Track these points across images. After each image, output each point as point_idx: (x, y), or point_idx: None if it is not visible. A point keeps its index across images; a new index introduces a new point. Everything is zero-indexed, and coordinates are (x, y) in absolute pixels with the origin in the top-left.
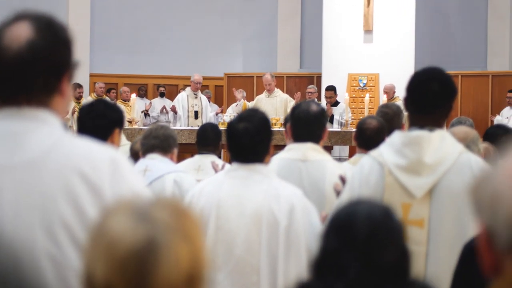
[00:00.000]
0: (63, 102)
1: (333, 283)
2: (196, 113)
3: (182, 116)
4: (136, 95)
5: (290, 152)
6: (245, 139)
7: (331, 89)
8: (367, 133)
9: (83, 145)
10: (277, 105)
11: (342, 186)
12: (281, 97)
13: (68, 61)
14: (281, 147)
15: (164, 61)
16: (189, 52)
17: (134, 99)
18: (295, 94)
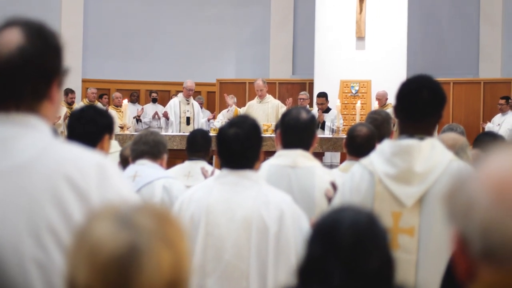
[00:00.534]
0: (52, 108)
1: None
2: (188, 119)
3: (174, 122)
4: (128, 101)
5: (280, 158)
6: (235, 145)
7: (322, 95)
8: (357, 140)
9: (71, 150)
10: (268, 111)
11: (333, 192)
12: (272, 103)
13: (58, 68)
14: (272, 153)
15: (156, 67)
16: (182, 58)
17: (126, 105)
18: (286, 100)
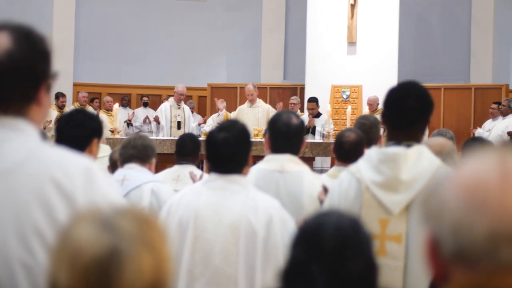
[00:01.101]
0: (41, 112)
1: None
2: (179, 123)
3: (165, 126)
4: (119, 105)
5: (268, 163)
6: (224, 149)
7: (313, 100)
8: (345, 146)
9: (58, 154)
10: (259, 116)
11: (325, 195)
12: (263, 108)
13: (47, 71)
14: (263, 158)
15: (147, 71)
16: (173, 63)
17: (116, 109)
18: (277, 104)
